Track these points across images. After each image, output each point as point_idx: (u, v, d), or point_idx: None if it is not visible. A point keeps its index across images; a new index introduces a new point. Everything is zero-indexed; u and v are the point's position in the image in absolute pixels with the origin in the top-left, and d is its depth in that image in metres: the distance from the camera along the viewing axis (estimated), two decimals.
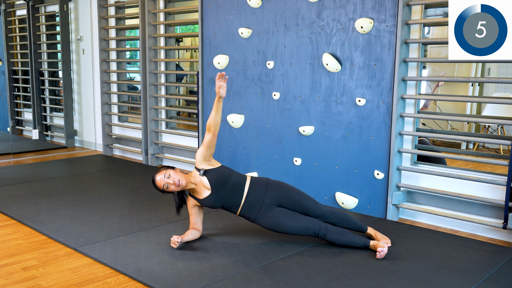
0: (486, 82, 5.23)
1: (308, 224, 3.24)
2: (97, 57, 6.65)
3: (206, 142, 3.27)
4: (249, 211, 3.31)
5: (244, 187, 3.31)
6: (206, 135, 3.29)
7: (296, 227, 3.24)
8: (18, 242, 3.44)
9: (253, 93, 4.84)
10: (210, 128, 3.27)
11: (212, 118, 3.27)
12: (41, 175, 5.41)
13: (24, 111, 7.97)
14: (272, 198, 3.30)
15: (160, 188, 3.26)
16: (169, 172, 3.23)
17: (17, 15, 7.89)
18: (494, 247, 3.41)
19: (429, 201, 3.93)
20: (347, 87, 4.15)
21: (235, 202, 3.31)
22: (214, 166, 3.32)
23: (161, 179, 3.23)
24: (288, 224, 3.25)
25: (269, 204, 3.29)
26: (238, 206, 3.31)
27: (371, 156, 4.06)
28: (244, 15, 4.81)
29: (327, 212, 3.33)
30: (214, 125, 3.27)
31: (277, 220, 3.26)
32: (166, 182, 3.21)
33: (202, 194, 3.30)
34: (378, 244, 3.18)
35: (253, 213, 3.31)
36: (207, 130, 3.29)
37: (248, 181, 3.34)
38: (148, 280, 2.79)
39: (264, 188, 3.32)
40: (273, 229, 3.30)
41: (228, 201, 3.31)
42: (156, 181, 3.25)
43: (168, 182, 3.21)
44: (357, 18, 4.02)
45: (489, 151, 5.15)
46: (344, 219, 3.36)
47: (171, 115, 6.22)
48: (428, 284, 2.78)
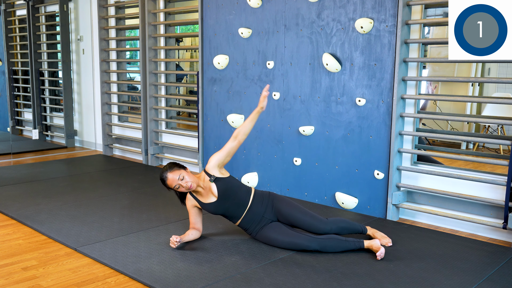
0: (486, 82, 5.23)
1: (297, 240, 3.18)
2: (97, 57, 6.65)
3: (227, 149, 3.24)
4: (248, 224, 3.33)
5: (248, 200, 3.30)
6: (230, 142, 3.25)
7: (286, 242, 3.21)
8: (18, 242, 3.44)
9: (253, 93, 4.84)
10: (238, 135, 3.24)
11: (244, 126, 3.25)
12: (41, 175, 5.41)
13: (24, 111, 7.97)
14: (271, 213, 3.32)
15: (169, 186, 3.22)
16: (182, 174, 3.18)
17: (17, 15, 7.89)
18: (494, 247, 3.40)
19: (429, 201, 3.92)
20: (347, 87, 4.15)
21: (237, 214, 3.31)
22: (224, 175, 3.29)
23: (173, 179, 3.18)
24: (278, 239, 3.24)
25: (267, 219, 3.31)
26: (239, 218, 3.32)
27: (371, 156, 4.06)
28: (244, 15, 4.81)
29: (327, 225, 3.25)
30: (244, 134, 3.25)
31: (268, 234, 3.28)
32: (178, 184, 3.17)
33: (207, 199, 3.28)
34: (373, 245, 3.14)
35: (252, 226, 3.32)
36: (233, 137, 3.24)
37: (252, 195, 3.33)
38: (148, 280, 2.79)
39: (266, 203, 3.33)
40: (265, 242, 3.32)
41: (230, 211, 3.30)
42: (168, 179, 3.19)
43: (180, 183, 3.17)
44: (357, 18, 4.02)
45: (489, 151, 5.15)
46: (346, 228, 3.31)
47: (171, 115, 6.22)
48: (428, 284, 2.78)
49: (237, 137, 3.25)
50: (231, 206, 3.27)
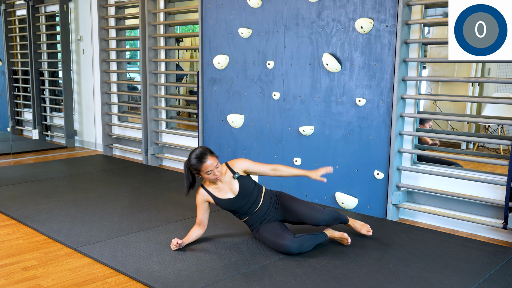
0: (486, 82, 5.23)
1: (280, 240, 3.17)
2: (97, 57, 6.65)
3: (261, 169, 3.34)
4: (254, 220, 3.35)
5: (260, 199, 3.34)
6: (267, 167, 3.36)
7: (272, 242, 3.22)
8: (18, 242, 3.44)
9: (253, 93, 4.84)
10: (276, 172, 3.36)
11: (285, 171, 3.38)
12: (41, 175, 5.41)
13: (24, 111, 7.97)
14: (275, 211, 3.36)
15: (200, 169, 3.14)
16: (218, 164, 3.17)
17: (17, 15, 7.89)
18: (494, 247, 3.40)
19: (429, 201, 3.93)
20: (347, 87, 4.15)
21: (248, 212, 3.33)
22: (244, 174, 3.35)
23: (212, 164, 3.13)
24: (267, 238, 3.26)
25: (269, 217, 3.34)
26: (248, 215, 3.34)
27: (371, 156, 4.06)
28: (244, 15, 4.81)
29: (324, 215, 3.26)
30: (280, 175, 3.38)
31: (262, 233, 3.30)
32: (213, 172, 3.15)
33: (224, 194, 3.28)
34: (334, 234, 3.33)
35: (256, 223, 3.34)
36: (273, 168, 3.36)
37: (263, 194, 3.37)
38: (148, 280, 2.79)
39: (273, 201, 3.37)
40: (262, 242, 3.34)
41: (243, 209, 3.31)
42: (207, 162, 3.13)
43: (214, 171, 3.15)
44: (357, 18, 4.02)
45: (489, 151, 5.15)
46: (337, 218, 3.34)
47: (171, 115, 6.22)
48: (428, 284, 2.78)
49: (275, 171, 3.36)
50: (245, 204, 3.29)
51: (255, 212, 3.32)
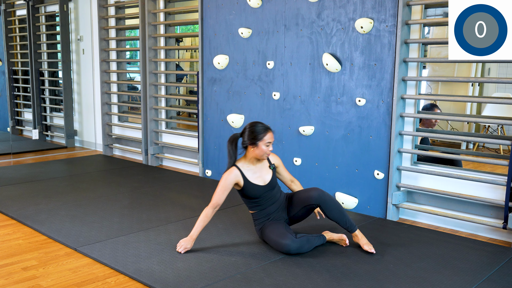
0: (486, 82, 5.23)
1: (281, 240, 3.16)
2: (97, 57, 6.65)
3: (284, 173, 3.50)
4: (262, 215, 3.35)
5: (278, 196, 3.40)
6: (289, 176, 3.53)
7: (273, 241, 3.22)
8: (18, 242, 3.44)
9: (253, 93, 4.84)
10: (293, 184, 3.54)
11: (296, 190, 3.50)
12: (41, 175, 5.41)
13: (24, 111, 7.97)
14: (283, 211, 3.39)
15: (262, 137, 3.20)
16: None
17: (17, 15, 7.89)
18: (494, 247, 3.40)
19: (429, 201, 3.93)
20: (347, 87, 4.15)
21: (263, 204, 3.34)
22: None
23: (273, 137, 3.25)
24: (268, 236, 3.27)
25: (275, 216, 3.35)
26: (261, 208, 3.35)
27: (371, 156, 4.06)
28: (244, 15, 4.81)
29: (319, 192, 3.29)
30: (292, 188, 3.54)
31: (265, 232, 3.30)
32: (271, 144, 3.24)
33: (255, 180, 3.29)
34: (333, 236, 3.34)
35: (262, 219, 3.35)
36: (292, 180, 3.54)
37: (280, 192, 3.44)
38: (148, 280, 2.79)
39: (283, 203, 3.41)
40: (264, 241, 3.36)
41: (262, 200, 3.32)
42: (271, 133, 3.24)
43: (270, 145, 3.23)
44: (357, 18, 4.02)
45: (489, 151, 5.15)
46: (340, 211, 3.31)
47: (171, 115, 6.22)
48: (428, 284, 2.78)
49: (292, 182, 3.55)
50: (268, 196, 3.33)
51: (268, 207, 3.34)
